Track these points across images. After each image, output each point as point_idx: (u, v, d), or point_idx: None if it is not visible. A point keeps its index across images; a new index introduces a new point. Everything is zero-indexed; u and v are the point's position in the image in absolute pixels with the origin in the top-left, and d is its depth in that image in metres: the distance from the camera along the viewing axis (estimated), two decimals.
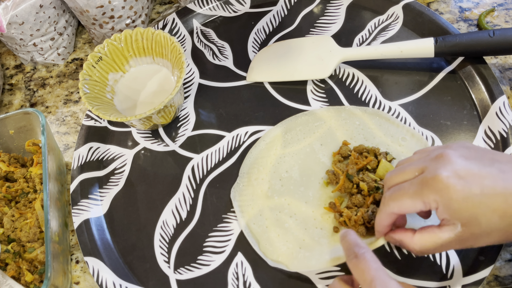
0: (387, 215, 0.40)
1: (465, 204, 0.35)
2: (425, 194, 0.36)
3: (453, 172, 0.36)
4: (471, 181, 0.35)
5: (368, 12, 0.63)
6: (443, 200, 0.36)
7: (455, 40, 0.53)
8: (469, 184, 0.35)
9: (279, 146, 0.54)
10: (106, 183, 0.57)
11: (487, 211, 0.35)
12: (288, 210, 0.50)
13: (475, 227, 0.36)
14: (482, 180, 0.35)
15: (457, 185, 0.35)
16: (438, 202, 0.36)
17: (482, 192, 0.35)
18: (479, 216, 0.35)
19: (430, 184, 0.36)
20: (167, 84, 0.59)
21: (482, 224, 0.35)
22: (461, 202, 0.35)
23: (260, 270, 0.48)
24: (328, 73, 0.58)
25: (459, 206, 0.35)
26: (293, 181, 0.51)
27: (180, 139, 0.58)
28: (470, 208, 0.35)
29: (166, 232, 0.53)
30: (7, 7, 0.60)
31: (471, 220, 0.36)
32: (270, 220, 0.50)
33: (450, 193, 0.35)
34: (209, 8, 0.68)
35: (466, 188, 0.35)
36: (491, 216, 0.35)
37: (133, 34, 0.58)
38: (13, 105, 0.68)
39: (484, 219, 0.35)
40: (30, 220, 0.51)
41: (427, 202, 0.37)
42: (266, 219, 0.50)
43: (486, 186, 0.35)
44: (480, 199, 0.35)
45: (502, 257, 0.46)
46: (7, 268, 0.49)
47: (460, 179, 0.35)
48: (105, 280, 0.50)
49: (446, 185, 0.35)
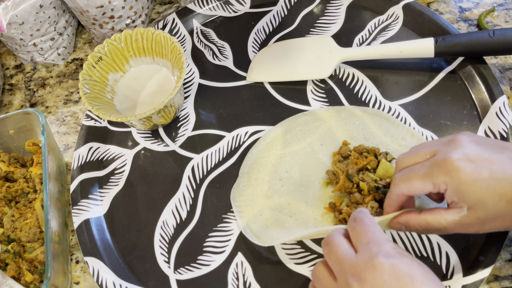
0: (397, 196, 0.40)
1: (473, 187, 0.36)
2: (435, 175, 0.37)
3: (463, 156, 0.36)
4: (481, 165, 0.36)
5: (368, 12, 0.63)
6: (452, 182, 0.36)
7: (455, 40, 0.53)
8: (478, 168, 0.36)
9: (279, 146, 0.54)
10: (106, 183, 0.57)
11: (495, 195, 0.35)
12: (288, 210, 0.50)
13: (481, 211, 0.36)
14: (491, 165, 0.36)
15: (467, 168, 0.36)
16: (447, 183, 0.36)
17: (491, 176, 0.35)
18: (486, 200, 0.35)
19: (441, 166, 0.37)
20: (167, 84, 0.59)
21: (489, 209, 0.36)
22: (469, 185, 0.36)
23: (260, 270, 0.48)
24: (328, 73, 0.58)
25: (468, 189, 0.36)
26: (293, 181, 0.51)
27: (180, 139, 0.58)
28: (477, 191, 0.35)
29: (166, 232, 0.53)
30: (7, 7, 0.60)
31: (478, 203, 0.36)
32: (270, 220, 0.50)
33: (460, 175, 0.36)
34: (209, 8, 0.68)
35: (475, 171, 0.36)
36: (498, 200, 0.35)
37: (133, 34, 0.58)
38: (13, 105, 0.68)
39: (491, 203, 0.35)
40: (30, 220, 0.51)
41: (437, 183, 0.37)
42: (266, 219, 0.50)
43: (495, 171, 0.35)
44: (488, 183, 0.35)
45: (502, 257, 0.46)
46: (7, 268, 0.49)
47: (470, 162, 0.36)
48: (105, 280, 0.50)
49: (456, 167, 0.36)
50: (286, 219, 0.49)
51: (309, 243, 0.49)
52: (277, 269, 0.48)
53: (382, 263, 0.33)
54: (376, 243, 0.35)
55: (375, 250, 0.34)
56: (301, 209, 0.50)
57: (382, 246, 0.34)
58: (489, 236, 0.45)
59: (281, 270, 0.48)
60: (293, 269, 0.48)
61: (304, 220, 0.49)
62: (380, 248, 0.34)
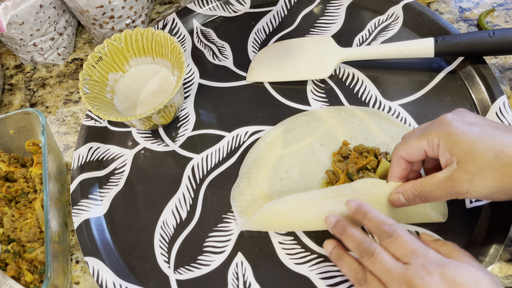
0: (396, 159, 0.43)
1: (463, 138, 0.38)
2: (428, 132, 0.40)
3: (458, 116, 0.40)
4: (473, 124, 0.39)
5: (368, 12, 0.63)
6: (444, 133, 0.39)
7: (455, 40, 0.53)
8: (469, 125, 0.39)
9: (279, 146, 0.54)
10: (106, 183, 0.57)
11: (483, 146, 0.37)
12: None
13: (470, 163, 0.37)
14: (482, 126, 0.39)
15: (459, 123, 0.39)
16: (439, 136, 0.39)
17: (481, 131, 0.38)
18: (474, 151, 0.37)
19: (435, 123, 0.40)
20: (167, 84, 0.59)
21: (477, 160, 0.37)
22: (459, 135, 0.38)
23: (260, 270, 0.48)
24: (328, 73, 0.58)
25: (458, 139, 0.38)
26: (293, 181, 0.51)
27: (180, 139, 0.58)
28: (467, 142, 0.38)
29: (166, 232, 0.53)
30: (7, 7, 0.60)
31: (467, 155, 0.37)
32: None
33: (451, 127, 0.39)
34: (209, 8, 0.68)
35: (466, 126, 0.39)
36: (486, 151, 0.37)
37: (133, 34, 0.58)
38: (13, 105, 0.68)
39: (479, 154, 0.37)
40: (30, 220, 0.51)
41: (430, 138, 0.40)
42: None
43: (485, 129, 0.38)
44: (478, 135, 0.38)
45: (502, 257, 0.46)
46: (7, 268, 0.49)
47: (462, 121, 0.39)
48: (105, 280, 0.50)
49: (449, 121, 0.39)
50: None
51: (309, 243, 0.49)
52: (277, 269, 0.48)
53: (430, 271, 0.35)
54: (420, 253, 0.36)
55: (421, 259, 0.36)
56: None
57: (427, 255, 0.36)
58: (489, 236, 0.45)
59: (281, 270, 0.48)
60: (293, 269, 0.48)
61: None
62: (426, 257, 0.36)
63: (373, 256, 0.38)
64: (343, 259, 0.41)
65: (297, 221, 0.46)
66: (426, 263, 0.35)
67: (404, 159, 0.42)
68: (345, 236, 0.41)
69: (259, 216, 0.47)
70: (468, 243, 0.46)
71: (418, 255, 0.36)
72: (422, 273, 0.35)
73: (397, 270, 0.36)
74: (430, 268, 0.35)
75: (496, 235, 0.45)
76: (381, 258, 0.38)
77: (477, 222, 0.47)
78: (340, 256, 0.42)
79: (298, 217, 0.46)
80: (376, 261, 0.38)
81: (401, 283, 0.35)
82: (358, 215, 0.42)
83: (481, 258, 0.44)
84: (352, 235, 0.41)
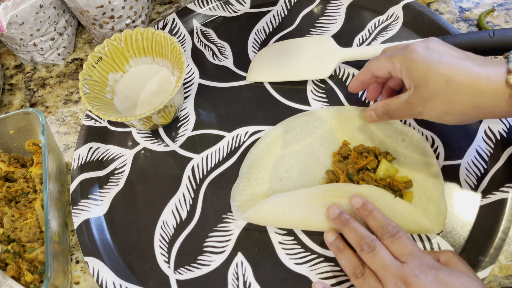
0: (365, 70, 0.49)
1: (421, 65, 0.41)
2: (394, 55, 0.44)
3: (424, 44, 0.43)
4: (435, 52, 0.42)
5: (368, 12, 0.63)
6: (406, 59, 0.43)
7: (455, 40, 0.53)
8: (430, 52, 0.42)
9: (279, 146, 0.54)
10: (106, 183, 0.57)
11: (436, 74, 0.40)
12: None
13: (424, 89, 0.41)
14: (442, 54, 0.42)
15: (421, 51, 0.42)
16: (401, 62, 0.43)
17: (438, 59, 0.41)
18: (428, 78, 0.41)
19: (403, 49, 0.44)
20: (167, 84, 0.59)
21: (430, 86, 0.41)
22: (417, 63, 0.42)
23: (260, 270, 0.48)
24: (328, 73, 0.58)
25: (416, 66, 0.42)
26: (293, 181, 0.51)
27: (180, 139, 0.58)
28: (422, 69, 0.41)
29: (166, 232, 0.53)
30: (7, 7, 0.60)
31: (421, 81, 0.41)
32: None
33: (413, 54, 0.42)
34: (209, 8, 0.68)
35: (426, 54, 0.42)
36: (438, 79, 0.40)
37: (133, 34, 0.58)
38: (13, 105, 0.68)
39: (432, 81, 0.41)
40: (30, 220, 0.51)
41: (395, 62, 0.44)
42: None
43: (444, 57, 0.41)
44: (433, 64, 0.41)
45: (502, 257, 0.46)
46: (7, 268, 0.49)
47: (426, 49, 0.43)
48: (105, 280, 0.50)
49: (413, 48, 0.43)
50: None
51: (309, 243, 0.49)
52: (277, 269, 0.48)
53: (425, 271, 0.38)
54: (417, 256, 0.39)
55: (417, 261, 0.39)
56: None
57: (423, 258, 0.39)
58: (489, 236, 0.45)
59: (281, 270, 0.48)
60: (293, 269, 0.48)
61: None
62: (422, 260, 0.39)
63: (374, 251, 0.40)
64: (344, 251, 0.43)
65: (300, 216, 0.47)
66: (422, 264, 0.38)
67: (370, 71, 0.48)
68: (347, 228, 0.43)
69: (264, 205, 0.48)
70: (468, 243, 0.46)
71: (415, 257, 0.39)
72: (417, 272, 0.38)
73: (394, 267, 0.39)
74: (426, 269, 0.38)
75: (496, 235, 0.45)
76: (381, 254, 0.40)
77: (477, 222, 0.47)
78: (341, 248, 0.44)
79: (302, 212, 0.47)
80: (376, 256, 0.40)
81: (397, 280, 0.38)
82: (363, 212, 0.44)
83: (481, 258, 0.44)
84: (356, 229, 0.43)
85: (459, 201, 0.48)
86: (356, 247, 0.42)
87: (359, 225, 0.43)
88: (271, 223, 0.49)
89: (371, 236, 0.42)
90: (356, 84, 0.51)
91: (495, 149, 0.50)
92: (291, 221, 0.48)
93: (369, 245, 0.41)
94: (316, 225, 0.47)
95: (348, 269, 0.42)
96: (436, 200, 0.47)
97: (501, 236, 0.45)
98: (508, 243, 0.47)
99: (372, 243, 0.41)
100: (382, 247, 0.41)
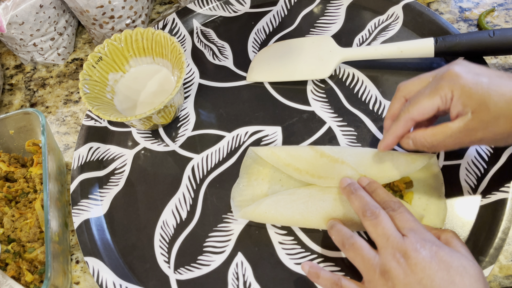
0: (406, 121, 0.43)
1: (475, 89, 0.39)
2: (440, 87, 0.40)
3: (464, 67, 0.41)
4: (480, 74, 0.40)
5: (368, 12, 0.63)
6: (456, 86, 0.40)
7: (455, 40, 0.53)
8: (478, 75, 0.40)
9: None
10: (106, 183, 0.57)
11: (495, 95, 0.38)
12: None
13: (484, 112, 0.39)
14: (490, 76, 0.40)
15: (468, 75, 0.40)
16: (452, 90, 0.40)
17: (490, 81, 0.39)
18: (487, 100, 0.38)
19: (444, 77, 0.41)
20: (167, 84, 0.59)
21: (491, 108, 0.38)
22: (471, 87, 0.39)
23: (260, 270, 0.48)
24: (328, 73, 0.58)
25: (471, 91, 0.39)
26: (293, 182, 0.51)
27: (180, 139, 0.58)
28: (479, 92, 0.39)
29: (166, 232, 0.53)
30: (7, 7, 0.60)
31: (481, 104, 0.38)
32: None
33: (462, 80, 0.40)
34: (209, 8, 0.68)
35: (475, 77, 0.40)
36: (498, 99, 0.38)
37: (133, 34, 0.58)
38: (13, 105, 0.68)
39: (492, 103, 0.38)
40: (30, 220, 0.51)
41: (443, 94, 0.40)
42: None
43: (493, 79, 0.39)
44: (488, 86, 0.39)
45: (502, 257, 0.46)
46: (7, 268, 0.49)
47: (470, 72, 0.40)
48: (105, 280, 0.50)
49: (458, 74, 0.40)
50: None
51: (309, 243, 0.49)
52: (277, 269, 0.48)
53: (426, 246, 0.37)
54: (419, 231, 0.39)
55: (419, 236, 0.38)
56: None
57: (424, 234, 0.39)
58: (489, 236, 0.45)
59: (281, 270, 0.48)
60: (293, 269, 0.48)
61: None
62: (424, 235, 0.39)
63: (377, 219, 0.40)
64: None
65: (301, 211, 0.47)
66: (424, 240, 0.38)
67: (413, 120, 0.43)
68: (354, 196, 0.43)
69: (265, 201, 0.48)
70: (468, 243, 0.46)
71: (416, 232, 0.39)
72: (418, 246, 0.37)
73: (396, 239, 0.38)
74: (426, 244, 0.37)
75: (496, 235, 0.45)
76: (384, 223, 0.40)
77: (477, 222, 0.47)
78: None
79: (303, 207, 0.47)
80: (378, 225, 0.40)
81: (396, 251, 0.38)
82: (369, 189, 0.45)
83: (481, 258, 0.44)
84: (362, 196, 0.43)
85: (459, 201, 0.48)
86: (359, 213, 0.42)
87: (367, 194, 0.43)
88: (271, 218, 0.48)
89: (376, 205, 0.41)
90: (394, 141, 0.44)
91: (495, 149, 0.50)
92: (292, 216, 0.48)
93: (373, 212, 0.41)
94: (317, 220, 0.47)
95: (360, 209, 0.42)
96: (436, 200, 0.47)
97: (501, 236, 0.45)
98: (508, 243, 0.47)
99: (376, 211, 0.41)
100: (386, 217, 0.40)
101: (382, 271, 0.38)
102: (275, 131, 0.56)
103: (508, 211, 0.46)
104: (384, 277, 0.37)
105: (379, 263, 0.38)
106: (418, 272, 0.36)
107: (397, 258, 0.37)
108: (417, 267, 0.36)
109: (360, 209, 0.42)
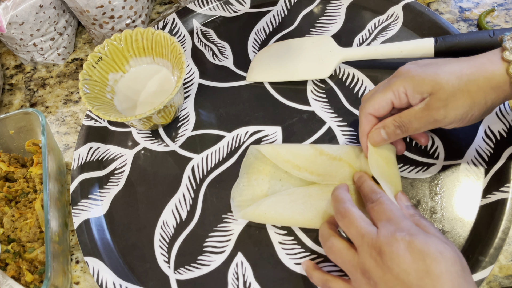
0: (365, 116, 0.46)
1: (425, 75, 0.42)
2: (392, 82, 0.44)
3: (412, 63, 0.44)
4: (427, 64, 0.43)
5: (368, 12, 0.63)
6: (407, 80, 0.43)
7: (455, 40, 0.53)
8: (426, 66, 0.43)
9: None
10: (106, 183, 0.57)
11: (446, 75, 0.41)
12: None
13: (440, 91, 0.41)
14: (436, 63, 0.43)
15: (417, 68, 0.43)
16: (404, 84, 0.43)
17: (438, 66, 0.42)
18: (440, 80, 0.41)
19: (396, 75, 0.44)
20: (167, 84, 0.59)
21: (445, 87, 0.41)
22: (422, 76, 0.42)
23: (260, 270, 0.48)
24: (328, 73, 0.58)
25: (421, 79, 0.42)
26: (293, 181, 0.51)
27: (180, 139, 0.58)
28: (431, 77, 0.41)
29: (166, 232, 0.53)
30: (7, 7, 0.60)
31: (435, 86, 0.41)
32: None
33: (412, 73, 0.43)
34: (209, 8, 0.68)
35: (423, 67, 0.43)
36: (449, 78, 0.41)
37: (133, 34, 0.58)
38: (13, 105, 0.68)
39: (444, 82, 0.41)
40: (30, 220, 0.51)
41: (395, 89, 0.43)
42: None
43: (440, 64, 0.42)
44: (437, 70, 0.42)
45: (502, 257, 0.46)
46: (7, 268, 0.49)
47: (418, 66, 0.43)
48: (105, 280, 0.50)
49: (407, 69, 0.43)
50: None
51: (309, 243, 0.49)
52: (277, 269, 0.48)
53: (398, 239, 0.36)
54: (395, 221, 0.38)
55: (393, 227, 0.38)
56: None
57: (400, 223, 0.38)
58: (489, 236, 0.45)
59: (281, 270, 0.48)
60: (293, 269, 0.48)
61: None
62: (398, 225, 0.38)
63: (346, 218, 0.40)
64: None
65: (300, 211, 0.47)
66: (396, 231, 0.37)
67: (373, 115, 0.46)
68: (333, 200, 0.44)
69: (264, 201, 0.48)
70: (468, 243, 0.46)
71: (392, 222, 0.38)
72: (390, 240, 0.37)
73: (370, 235, 0.38)
74: (399, 236, 0.37)
75: (496, 235, 0.45)
76: (356, 222, 0.40)
77: (477, 222, 0.47)
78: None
79: (302, 207, 0.47)
80: (351, 224, 0.40)
81: (372, 249, 0.37)
82: (358, 183, 0.46)
83: (481, 258, 0.44)
84: (337, 199, 0.43)
85: (459, 201, 0.48)
86: (335, 214, 0.42)
87: (345, 195, 0.43)
88: (271, 219, 0.48)
89: (346, 203, 0.41)
90: (365, 139, 0.47)
91: (495, 149, 0.50)
92: (292, 216, 0.48)
93: (339, 212, 0.41)
94: (316, 219, 0.47)
95: (334, 212, 0.43)
96: (395, 170, 0.48)
97: (501, 236, 0.45)
98: (508, 243, 0.47)
99: (342, 210, 0.41)
100: (357, 214, 0.40)
101: (362, 270, 0.38)
102: (275, 131, 0.57)
103: (508, 211, 0.46)
104: (366, 276, 0.38)
105: (359, 263, 0.38)
106: (394, 267, 0.36)
107: (373, 256, 0.37)
108: (393, 262, 0.36)
109: (334, 212, 0.42)
